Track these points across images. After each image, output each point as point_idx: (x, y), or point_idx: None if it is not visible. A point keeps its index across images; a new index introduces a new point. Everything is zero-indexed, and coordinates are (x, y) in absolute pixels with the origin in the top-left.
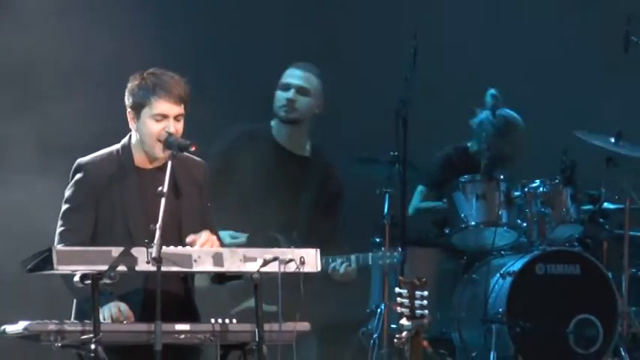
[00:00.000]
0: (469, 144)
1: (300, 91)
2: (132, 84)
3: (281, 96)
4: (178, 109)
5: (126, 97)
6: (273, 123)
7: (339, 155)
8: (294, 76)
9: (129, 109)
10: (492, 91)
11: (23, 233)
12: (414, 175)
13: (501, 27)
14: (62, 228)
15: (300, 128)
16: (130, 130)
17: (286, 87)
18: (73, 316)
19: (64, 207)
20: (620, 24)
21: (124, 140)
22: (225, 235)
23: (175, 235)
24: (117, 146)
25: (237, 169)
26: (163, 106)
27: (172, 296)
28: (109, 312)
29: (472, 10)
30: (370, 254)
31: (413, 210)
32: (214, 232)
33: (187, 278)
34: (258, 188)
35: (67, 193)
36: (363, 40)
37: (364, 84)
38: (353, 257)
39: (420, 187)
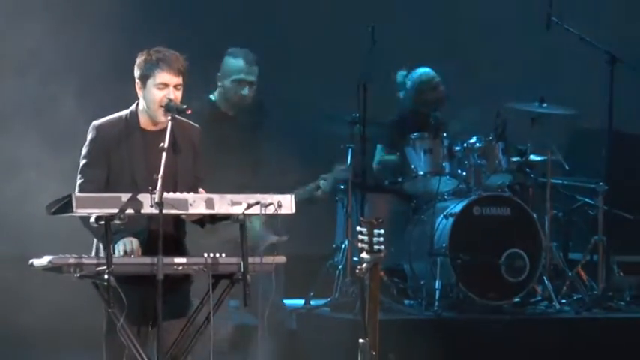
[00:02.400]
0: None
1: (252, 85)
2: (140, 59)
3: (236, 90)
4: (177, 80)
5: (135, 70)
6: (213, 97)
7: (311, 116)
8: (244, 71)
9: (137, 80)
10: (402, 71)
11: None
12: (375, 132)
13: (443, 11)
14: (80, 180)
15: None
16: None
17: (241, 83)
18: (93, 251)
19: (82, 163)
20: (541, 4)
21: (132, 107)
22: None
23: (171, 184)
24: (126, 111)
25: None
26: (165, 76)
27: (168, 235)
28: (123, 246)
29: None
30: (330, 174)
31: (377, 163)
32: (202, 185)
33: (179, 221)
34: (219, 151)
35: (84, 150)
36: (329, 23)
37: (332, 58)
38: (323, 178)
39: (379, 146)
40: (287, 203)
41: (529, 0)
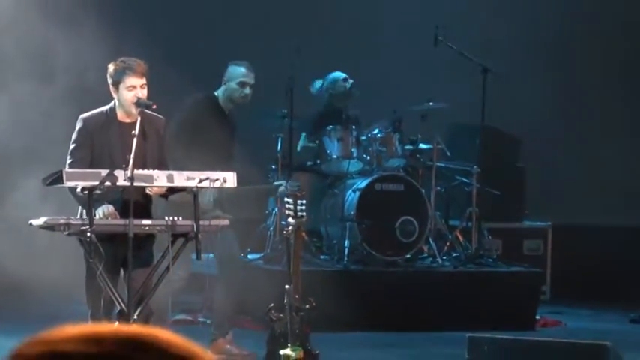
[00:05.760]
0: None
1: (251, 87)
2: (111, 69)
3: (239, 91)
4: (142, 81)
5: (107, 77)
6: (217, 93)
7: (249, 113)
8: (247, 76)
9: (111, 85)
10: (319, 81)
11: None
12: (300, 125)
13: (356, 21)
14: (70, 160)
15: None
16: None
17: (244, 85)
18: (78, 214)
19: (71, 147)
20: (432, 27)
21: (111, 104)
22: None
23: (141, 163)
24: (106, 107)
25: (203, 126)
26: (133, 80)
27: (138, 203)
28: (101, 210)
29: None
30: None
31: (300, 148)
32: (165, 164)
33: (146, 193)
34: (217, 138)
35: (73, 137)
36: (264, 34)
37: (266, 65)
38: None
39: (303, 134)
40: (230, 179)
41: (421, 23)
